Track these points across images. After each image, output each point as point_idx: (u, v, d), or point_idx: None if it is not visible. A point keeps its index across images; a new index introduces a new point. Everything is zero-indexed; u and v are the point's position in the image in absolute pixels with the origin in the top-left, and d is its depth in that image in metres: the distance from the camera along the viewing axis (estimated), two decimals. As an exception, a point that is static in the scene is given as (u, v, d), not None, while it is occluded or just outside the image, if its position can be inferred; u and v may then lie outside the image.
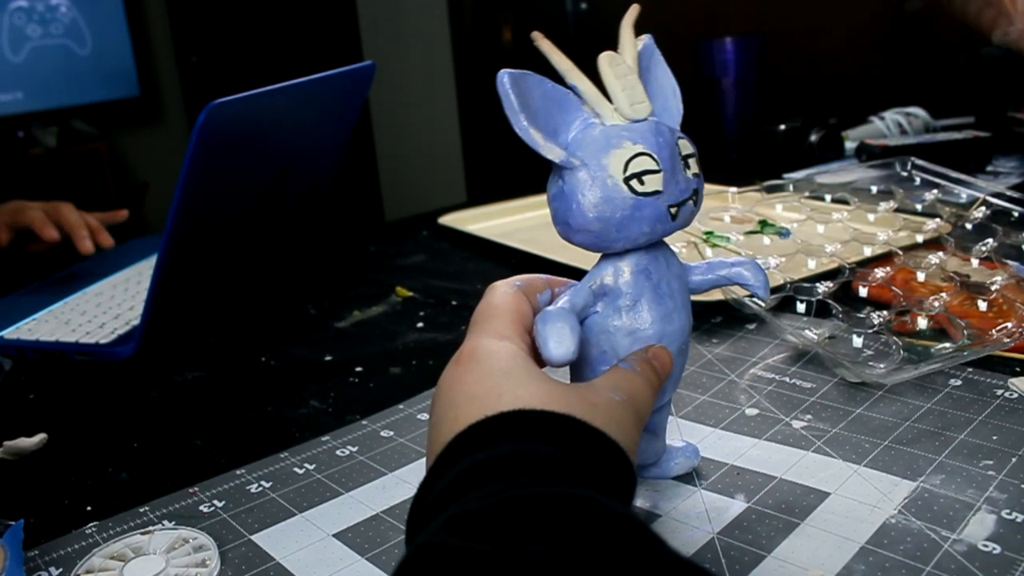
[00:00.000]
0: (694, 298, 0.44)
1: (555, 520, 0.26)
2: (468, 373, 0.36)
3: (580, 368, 0.42)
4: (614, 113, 0.39)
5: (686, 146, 0.40)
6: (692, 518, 0.44)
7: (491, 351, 0.36)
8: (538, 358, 0.38)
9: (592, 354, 0.41)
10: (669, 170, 0.38)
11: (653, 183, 0.38)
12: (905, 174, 0.88)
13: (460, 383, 0.35)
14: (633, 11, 0.41)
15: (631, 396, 0.36)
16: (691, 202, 0.40)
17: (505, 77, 0.37)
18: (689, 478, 0.47)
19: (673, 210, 0.39)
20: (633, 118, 0.39)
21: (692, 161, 0.40)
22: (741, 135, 1.39)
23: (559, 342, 0.37)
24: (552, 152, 0.38)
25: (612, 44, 0.41)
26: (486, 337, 0.37)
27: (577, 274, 0.44)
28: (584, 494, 0.28)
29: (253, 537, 0.45)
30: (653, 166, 0.38)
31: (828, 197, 0.87)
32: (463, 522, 0.27)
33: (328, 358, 0.70)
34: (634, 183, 0.38)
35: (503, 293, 0.40)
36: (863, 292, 0.68)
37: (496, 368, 0.35)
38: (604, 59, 0.39)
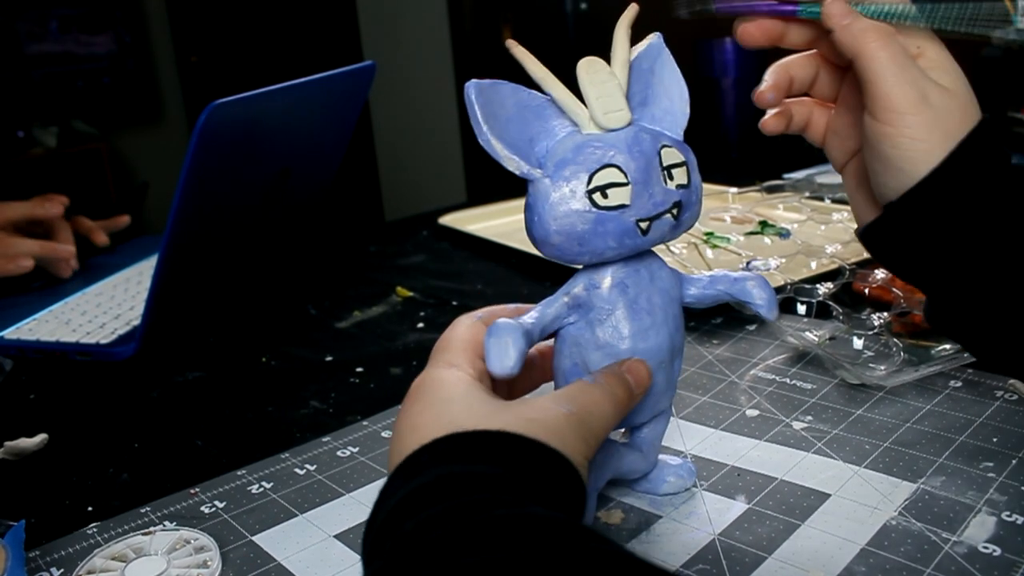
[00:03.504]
0: None
1: (470, 534, 0.27)
2: (413, 404, 0.37)
3: (556, 379, 0.42)
4: (590, 122, 0.38)
5: (673, 155, 0.39)
6: (693, 519, 0.44)
7: (437, 380, 0.37)
8: (496, 382, 0.39)
9: (565, 365, 0.41)
10: (640, 182, 0.37)
11: (618, 196, 0.37)
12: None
13: (406, 415, 0.36)
14: (630, 11, 0.41)
15: (582, 408, 0.36)
16: (669, 215, 0.38)
17: (471, 88, 0.37)
18: (690, 479, 0.47)
19: (643, 224, 0.38)
20: (607, 127, 0.38)
21: (678, 171, 0.39)
22: (741, 135, 1.39)
23: (499, 356, 0.36)
24: (512, 163, 0.37)
25: (612, 44, 0.40)
26: (435, 368, 0.38)
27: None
28: (503, 507, 0.29)
29: (254, 538, 0.45)
30: (619, 179, 0.37)
31: (828, 198, 0.87)
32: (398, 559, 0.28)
33: (328, 358, 0.70)
34: (597, 196, 0.36)
35: (461, 324, 0.40)
36: (864, 293, 0.68)
37: (438, 397, 0.36)
38: (582, 65, 0.39)
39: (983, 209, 0.39)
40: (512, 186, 0.37)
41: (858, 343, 0.60)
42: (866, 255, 0.73)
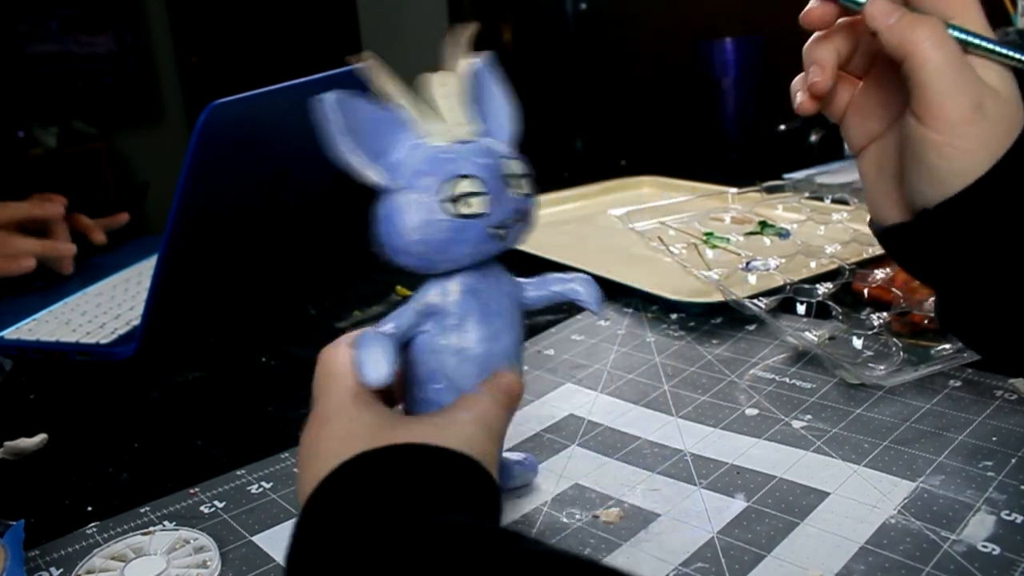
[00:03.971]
0: (698, 299, 0.44)
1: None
2: (318, 432, 0.38)
3: (410, 387, 0.42)
4: (441, 134, 0.39)
5: (514, 167, 0.40)
6: (692, 517, 0.44)
7: (336, 407, 0.38)
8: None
9: (421, 372, 0.41)
10: (495, 192, 0.38)
11: (477, 205, 0.38)
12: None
13: (310, 443, 0.38)
14: (468, 30, 0.41)
15: (481, 413, 0.38)
16: (520, 223, 0.40)
17: (330, 99, 0.37)
18: (689, 477, 0.47)
19: (501, 232, 0.39)
20: (457, 139, 0.39)
21: (522, 182, 0.40)
22: (741, 135, 1.39)
23: (374, 366, 0.38)
24: (374, 173, 0.38)
25: (612, 44, 0.40)
26: (328, 398, 0.39)
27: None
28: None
29: (254, 538, 0.45)
30: (477, 188, 0.38)
31: (828, 198, 0.87)
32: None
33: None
34: (457, 205, 0.37)
35: (337, 353, 0.40)
36: (863, 293, 0.68)
37: (342, 421, 0.37)
38: (433, 79, 0.40)
39: (1020, 221, 0.37)
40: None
41: (858, 343, 0.60)
42: (866, 255, 0.74)
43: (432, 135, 0.39)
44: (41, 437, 0.57)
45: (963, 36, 0.37)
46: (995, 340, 0.41)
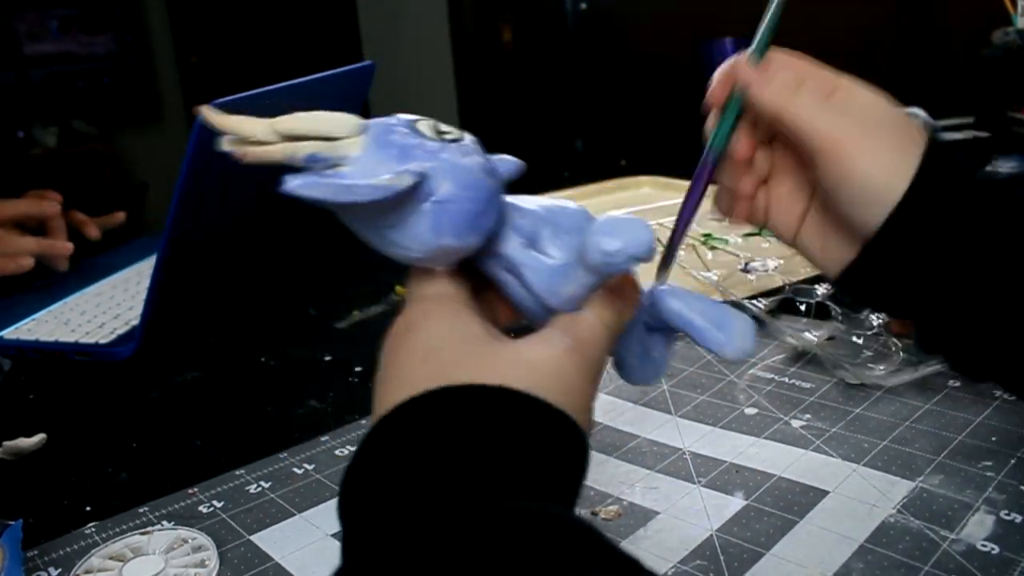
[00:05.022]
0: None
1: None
2: (398, 351, 0.33)
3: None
4: (350, 144, 0.33)
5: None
6: (691, 515, 0.44)
7: (421, 317, 0.34)
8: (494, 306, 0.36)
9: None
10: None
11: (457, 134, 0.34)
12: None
13: (392, 362, 0.33)
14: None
15: (580, 340, 0.33)
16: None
17: (295, 183, 0.32)
18: (688, 475, 0.47)
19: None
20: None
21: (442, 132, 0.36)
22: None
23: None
24: (407, 170, 0.32)
25: (612, 44, 0.40)
26: (417, 303, 0.35)
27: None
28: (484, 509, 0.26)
29: (252, 537, 0.45)
30: (447, 128, 0.35)
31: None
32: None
33: (327, 358, 0.70)
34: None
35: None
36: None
37: (424, 340, 0.33)
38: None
39: (963, 223, 0.37)
40: (511, 186, 0.37)
41: (857, 343, 0.60)
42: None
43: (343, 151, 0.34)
44: (40, 437, 0.57)
45: (759, 41, 0.41)
46: (975, 353, 0.40)
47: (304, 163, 0.34)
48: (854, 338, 0.60)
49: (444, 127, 0.35)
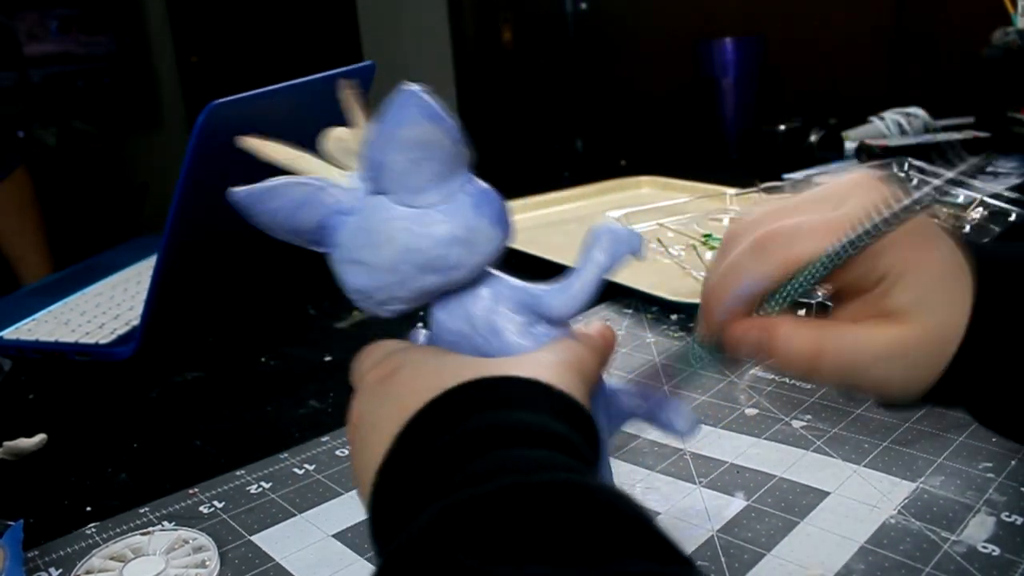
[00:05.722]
0: (698, 300, 0.41)
1: (551, 518, 0.23)
2: (393, 378, 0.33)
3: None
4: (341, 176, 0.36)
5: None
6: (692, 516, 0.44)
7: (407, 352, 0.35)
8: None
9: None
10: None
11: None
12: (902, 175, 0.88)
13: (392, 388, 0.33)
14: (352, 87, 0.38)
15: (573, 357, 0.33)
16: None
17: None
18: (688, 475, 0.47)
19: None
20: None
21: None
22: (741, 135, 1.39)
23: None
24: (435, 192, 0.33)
25: (612, 44, 0.40)
26: (392, 357, 0.35)
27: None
28: (573, 481, 0.25)
29: (253, 538, 0.45)
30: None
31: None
32: (453, 521, 0.24)
33: (328, 358, 0.70)
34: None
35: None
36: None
37: (422, 361, 0.34)
38: (330, 135, 0.38)
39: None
40: (511, 186, 0.37)
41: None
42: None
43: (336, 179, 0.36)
44: (40, 437, 0.57)
45: (791, 289, 0.35)
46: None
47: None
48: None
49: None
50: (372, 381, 0.34)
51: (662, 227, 0.78)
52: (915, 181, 0.87)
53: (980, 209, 0.78)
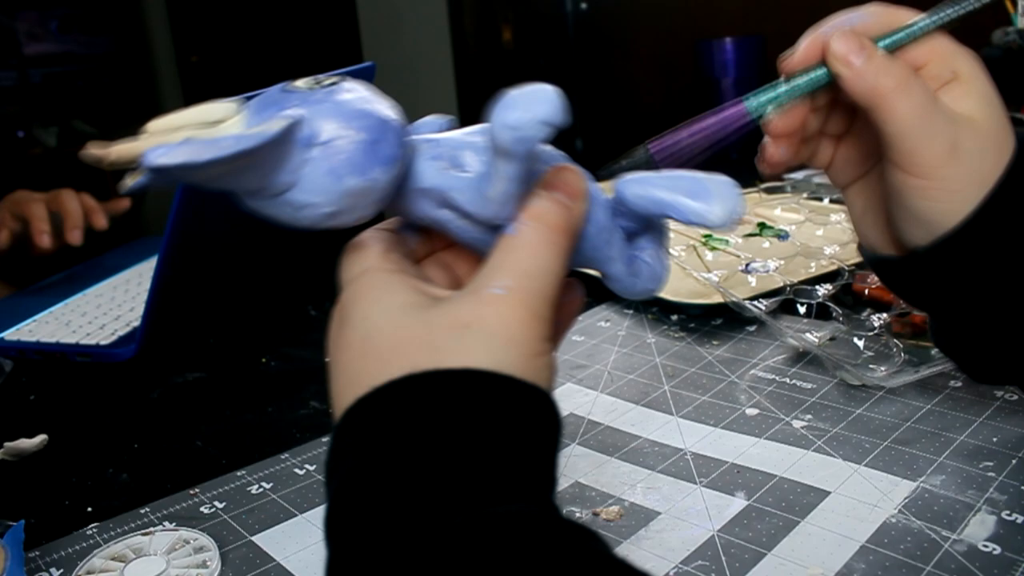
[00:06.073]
0: (698, 301, 0.42)
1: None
2: (337, 340, 0.32)
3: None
4: (229, 126, 0.32)
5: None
6: (692, 515, 0.44)
7: (355, 299, 0.32)
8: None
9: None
10: None
11: None
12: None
13: (334, 355, 0.32)
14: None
15: (520, 276, 0.29)
16: None
17: (154, 153, 0.29)
18: (689, 475, 0.47)
19: None
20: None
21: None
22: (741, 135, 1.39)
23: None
24: (277, 116, 0.30)
25: (612, 44, 0.40)
26: (350, 285, 0.33)
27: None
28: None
29: (254, 538, 0.45)
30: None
31: (827, 198, 0.87)
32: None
33: (328, 359, 0.70)
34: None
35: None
36: (863, 294, 0.68)
37: (361, 326, 0.31)
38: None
39: (1017, 255, 0.35)
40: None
41: (858, 344, 0.60)
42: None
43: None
44: (41, 438, 0.57)
45: (893, 40, 0.36)
46: (990, 362, 0.40)
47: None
48: (855, 339, 0.60)
49: (323, 77, 0.33)
50: (332, 324, 0.33)
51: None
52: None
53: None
